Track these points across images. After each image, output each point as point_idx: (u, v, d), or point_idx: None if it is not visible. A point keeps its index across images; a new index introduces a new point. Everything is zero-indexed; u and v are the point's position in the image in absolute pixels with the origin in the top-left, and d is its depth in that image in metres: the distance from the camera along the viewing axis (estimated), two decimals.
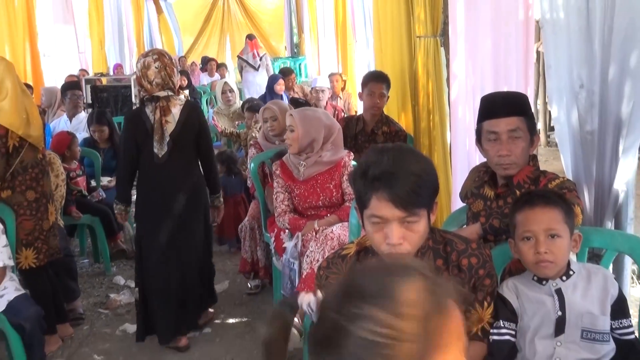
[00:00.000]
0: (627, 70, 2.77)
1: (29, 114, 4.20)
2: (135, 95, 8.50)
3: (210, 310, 4.74)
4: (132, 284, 5.45)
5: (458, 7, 4.77)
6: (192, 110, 4.38)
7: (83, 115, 7.67)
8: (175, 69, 4.41)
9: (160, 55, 4.33)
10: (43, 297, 4.25)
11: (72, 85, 8.10)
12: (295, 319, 3.69)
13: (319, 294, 1.50)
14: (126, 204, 4.46)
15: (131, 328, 4.65)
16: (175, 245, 4.29)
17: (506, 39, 4.45)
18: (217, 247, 5.89)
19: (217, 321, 4.71)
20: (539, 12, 3.37)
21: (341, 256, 2.34)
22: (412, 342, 1.10)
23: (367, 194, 2.07)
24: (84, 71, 11.51)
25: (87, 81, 9.33)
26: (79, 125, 7.42)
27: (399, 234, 2.05)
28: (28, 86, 7.46)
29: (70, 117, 7.65)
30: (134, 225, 5.06)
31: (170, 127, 4.22)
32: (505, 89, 4.04)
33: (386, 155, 2.08)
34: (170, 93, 4.29)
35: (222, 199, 4.67)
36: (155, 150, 4.21)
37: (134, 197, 4.54)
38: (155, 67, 4.23)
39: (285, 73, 9.72)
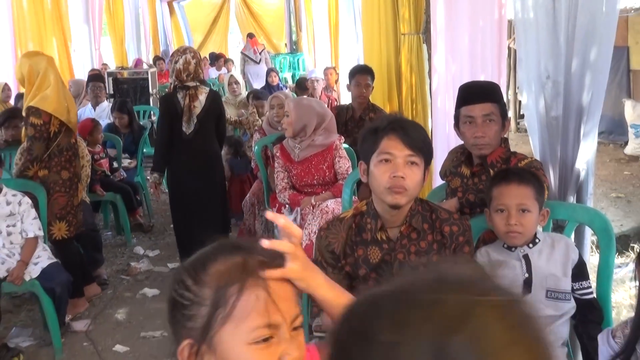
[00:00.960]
0: (588, 63, 2.77)
1: (68, 102, 4.28)
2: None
3: None
4: (151, 254, 5.51)
5: (439, 7, 4.77)
6: (214, 98, 4.78)
7: (106, 104, 7.66)
8: (202, 64, 4.88)
9: (195, 52, 4.82)
10: (72, 264, 4.31)
11: (94, 78, 8.11)
12: None
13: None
14: (160, 174, 4.85)
15: (150, 292, 4.71)
16: (198, 199, 4.75)
17: (482, 35, 4.46)
18: None
19: None
20: (512, 12, 3.37)
21: (340, 219, 2.37)
22: (206, 306, 1.15)
23: (377, 140, 2.18)
24: (105, 65, 11.47)
25: (109, 74, 9.32)
26: (102, 113, 7.40)
27: (404, 169, 2.13)
28: None
29: (94, 105, 7.62)
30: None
31: (197, 111, 4.62)
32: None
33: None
34: (198, 83, 4.69)
35: None
36: (184, 129, 4.62)
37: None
38: (194, 63, 4.66)
39: (301, 87, 9.01)
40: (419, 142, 2.17)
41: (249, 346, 1.14)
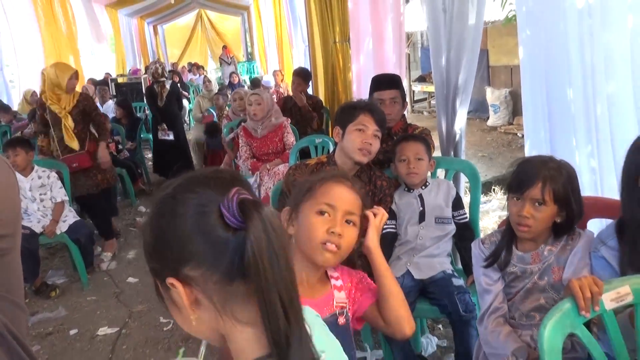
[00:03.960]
0: (462, 56, 2.83)
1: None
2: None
3: None
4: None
5: (357, 23, 4.82)
6: (174, 87, 6.35)
7: (110, 102, 7.45)
8: (165, 68, 6.48)
9: (160, 62, 6.26)
10: (101, 214, 4.34)
11: (100, 83, 7.89)
12: None
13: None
14: (163, 123, 6.15)
15: None
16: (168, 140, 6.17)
17: (387, 43, 4.49)
18: None
19: None
20: (409, 26, 3.38)
21: (305, 164, 2.39)
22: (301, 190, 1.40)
23: (355, 114, 2.25)
24: (108, 74, 11.05)
25: (112, 80, 9.05)
26: (108, 109, 7.21)
27: (371, 138, 2.23)
28: None
29: (101, 104, 7.41)
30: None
31: (165, 93, 6.07)
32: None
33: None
34: (164, 79, 6.14)
35: None
36: (159, 102, 6.10)
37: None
38: (161, 69, 6.08)
39: (255, 84, 8.86)
40: (383, 122, 2.26)
41: (313, 214, 1.35)
